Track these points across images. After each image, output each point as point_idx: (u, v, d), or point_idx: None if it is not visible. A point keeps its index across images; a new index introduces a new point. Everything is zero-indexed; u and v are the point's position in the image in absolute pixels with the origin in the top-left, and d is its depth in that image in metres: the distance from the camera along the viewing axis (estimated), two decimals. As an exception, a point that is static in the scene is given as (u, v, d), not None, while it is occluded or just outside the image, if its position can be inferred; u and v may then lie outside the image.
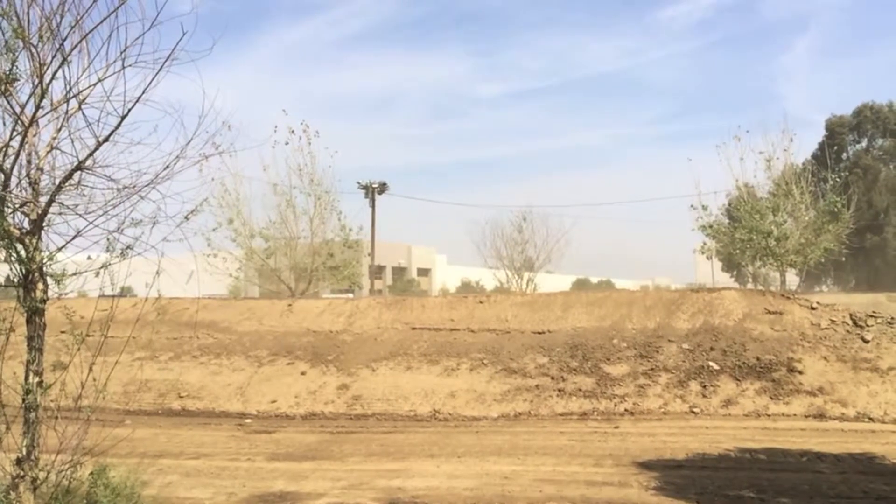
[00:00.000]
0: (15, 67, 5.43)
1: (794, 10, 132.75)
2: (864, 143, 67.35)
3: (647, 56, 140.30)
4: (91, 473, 6.26)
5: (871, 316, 15.61)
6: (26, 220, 5.65)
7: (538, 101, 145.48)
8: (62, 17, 5.50)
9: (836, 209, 31.23)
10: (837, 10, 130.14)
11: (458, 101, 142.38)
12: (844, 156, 64.77)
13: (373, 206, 49.12)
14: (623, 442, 11.67)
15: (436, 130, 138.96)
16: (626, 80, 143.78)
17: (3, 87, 5.42)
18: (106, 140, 5.69)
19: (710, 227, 33.21)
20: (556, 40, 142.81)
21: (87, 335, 5.97)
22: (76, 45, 5.51)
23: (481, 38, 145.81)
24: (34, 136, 5.63)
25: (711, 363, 14.61)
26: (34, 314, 5.60)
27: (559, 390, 14.59)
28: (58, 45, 5.48)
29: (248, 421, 14.75)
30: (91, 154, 5.72)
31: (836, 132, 64.60)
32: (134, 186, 5.92)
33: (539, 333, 16.73)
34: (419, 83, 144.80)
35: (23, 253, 5.54)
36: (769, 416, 13.22)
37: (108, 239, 5.87)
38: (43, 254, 5.64)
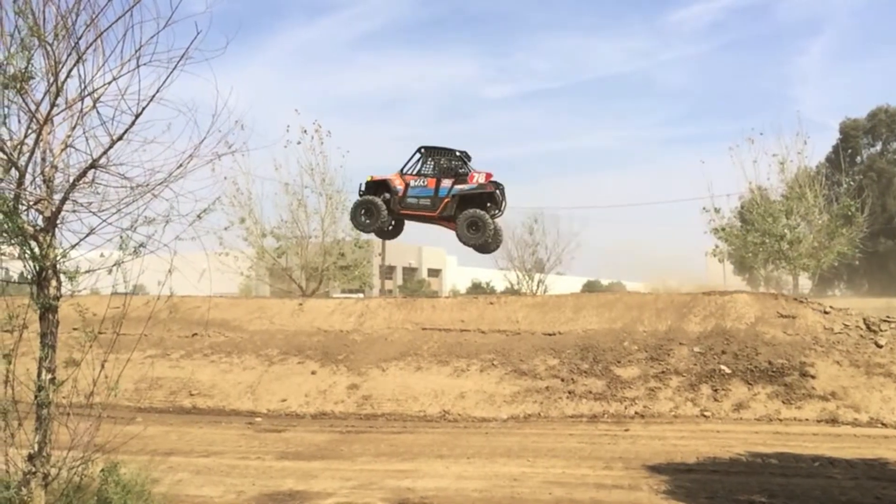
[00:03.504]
0: (30, 65, 5.46)
1: (807, 13, 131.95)
2: (878, 147, 66.95)
3: (658, 58, 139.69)
4: (102, 470, 6.29)
5: (885, 320, 15.48)
6: (40, 217, 5.68)
7: (548, 103, 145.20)
8: (77, 15, 5.54)
9: (849, 213, 31.09)
10: (851, 13, 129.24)
11: (467, 102, 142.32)
12: (858, 159, 64.41)
13: (384, 207, 49.04)
14: (633, 445, 11.62)
15: (446, 131, 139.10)
16: (637, 83, 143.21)
17: (18, 85, 5.45)
18: (120, 138, 5.72)
19: (723, 229, 33.11)
20: (565, 42, 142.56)
21: (100, 332, 6.00)
22: (91, 44, 5.55)
23: (491, 40, 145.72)
24: (49, 133, 5.66)
25: (723, 367, 14.53)
26: (47, 311, 5.63)
27: (569, 392, 14.55)
28: (73, 44, 5.52)
29: (259, 420, 14.78)
30: (105, 152, 5.75)
31: (850, 135, 64.21)
32: (147, 185, 5.95)
33: (549, 335, 16.69)
34: (429, 84, 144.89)
35: (37, 250, 5.57)
36: (781, 420, 13.13)
37: (121, 237, 5.89)
38: (56, 251, 5.67)
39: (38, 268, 5.61)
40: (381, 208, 19.91)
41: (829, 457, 10.35)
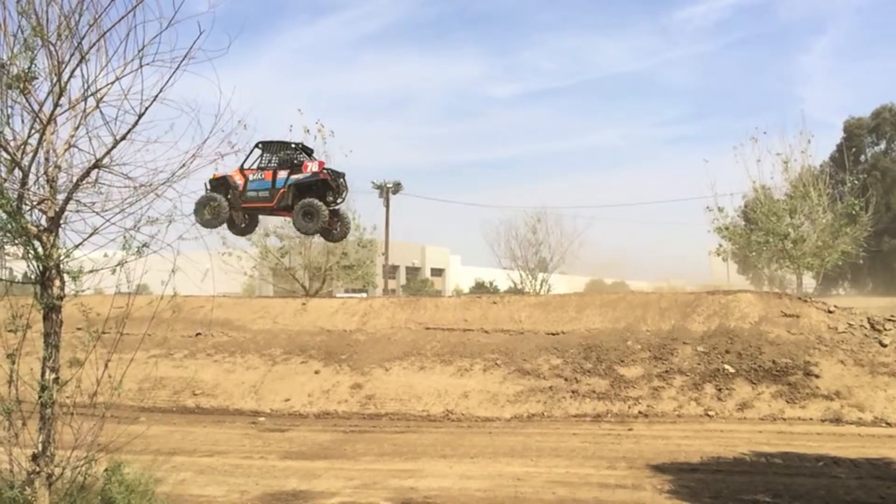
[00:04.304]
0: (33, 65, 5.47)
1: (811, 12, 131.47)
2: (882, 146, 66.78)
3: (663, 57, 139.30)
4: (106, 470, 6.30)
5: (890, 320, 15.45)
6: (44, 217, 5.68)
7: (553, 102, 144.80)
8: (80, 15, 5.54)
9: (853, 212, 31.01)
10: (856, 12, 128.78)
11: (472, 102, 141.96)
12: (862, 158, 64.20)
13: (387, 206, 49.21)
14: (637, 444, 11.61)
15: (450, 130, 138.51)
16: (642, 82, 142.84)
17: (21, 86, 5.46)
18: (123, 138, 5.72)
19: (726, 228, 33.03)
20: (571, 41, 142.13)
21: (103, 332, 6.01)
22: (94, 44, 5.55)
23: (496, 39, 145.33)
24: (52, 133, 5.66)
25: (727, 366, 14.51)
26: (51, 311, 5.63)
27: (573, 392, 14.54)
28: (76, 44, 5.52)
29: (262, 419, 14.80)
30: (108, 152, 5.76)
31: (854, 134, 64.01)
32: (150, 184, 5.95)
33: (553, 334, 16.68)
34: (434, 83, 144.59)
35: (40, 250, 5.58)
36: (785, 419, 13.11)
37: (124, 236, 5.90)
38: (60, 251, 5.67)
39: (41, 268, 5.62)
40: (222, 204, 20.05)
41: (833, 456, 10.33)
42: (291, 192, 19.90)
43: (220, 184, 20.55)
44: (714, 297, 17.15)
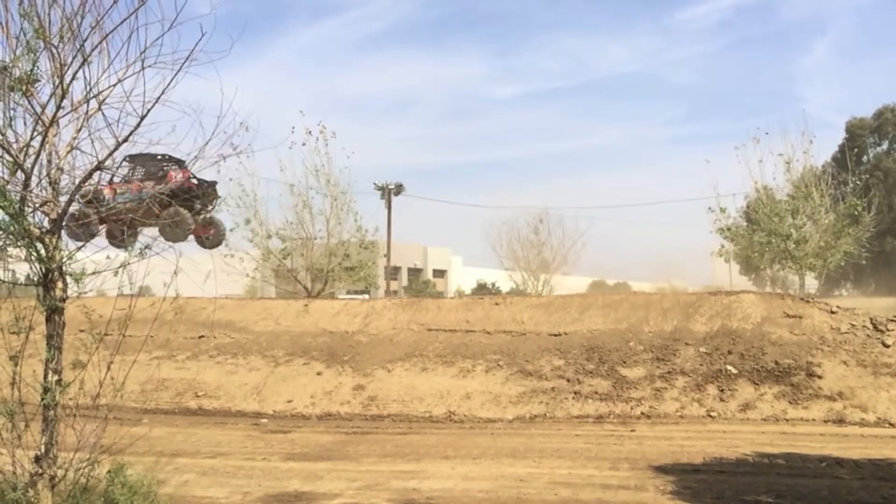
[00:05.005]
0: (36, 68, 5.48)
1: (813, 12, 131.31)
2: (884, 146, 66.62)
3: (665, 57, 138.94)
4: (108, 471, 6.29)
5: (892, 320, 15.43)
6: (46, 219, 5.69)
7: (555, 103, 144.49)
8: (83, 17, 5.54)
9: (856, 212, 30.95)
10: (857, 12, 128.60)
11: (474, 103, 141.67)
12: (865, 158, 64.04)
13: (389, 207, 49.18)
14: (639, 445, 11.60)
15: (452, 131, 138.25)
16: (644, 82, 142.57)
17: (24, 88, 5.47)
18: (125, 140, 5.72)
19: (728, 229, 32.98)
20: (573, 42, 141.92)
21: (106, 334, 6.01)
22: (96, 46, 5.55)
23: (498, 40, 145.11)
24: (54, 136, 5.67)
25: (729, 367, 14.50)
26: (53, 313, 5.64)
27: (575, 393, 14.53)
28: (78, 46, 5.52)
29: (264, 421, 14.80)
30: (111, 154, 5.77)
31: (856, 134, 63.89)
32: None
33: (555, 335, 16.67)
34: (436, 84, 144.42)
35: (42, 252, 5.59)
36: (788, 420, 13.10)
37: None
38: (62, 253, 5.68)
39: (44, 270, 5.62)
40: (91, 217, 20.26)
41: (836, 457, 10.32)
42: (157, 202, 20.15)
43: (90, 198, 20.71)
44: (716, 297, 17.15)
